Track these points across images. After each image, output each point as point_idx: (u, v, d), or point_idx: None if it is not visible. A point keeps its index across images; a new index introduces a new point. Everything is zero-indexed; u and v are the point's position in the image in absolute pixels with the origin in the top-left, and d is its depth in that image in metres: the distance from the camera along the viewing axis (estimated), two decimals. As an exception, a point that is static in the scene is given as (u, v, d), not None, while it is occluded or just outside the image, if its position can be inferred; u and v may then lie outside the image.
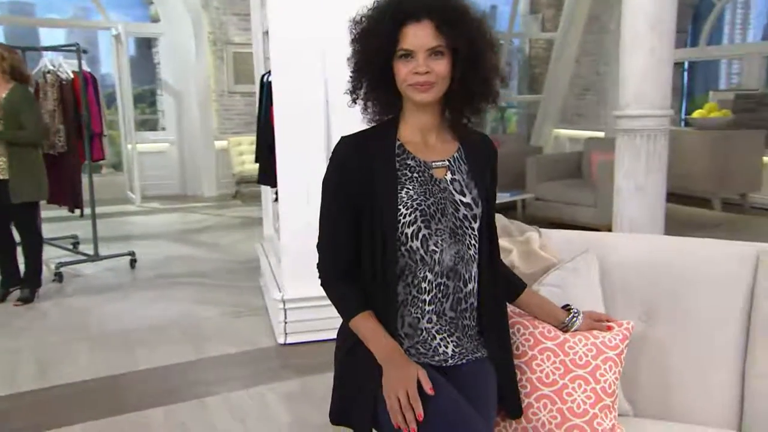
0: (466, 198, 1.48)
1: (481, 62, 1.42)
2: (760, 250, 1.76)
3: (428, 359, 1.48)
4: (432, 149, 1.50)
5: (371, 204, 1.44)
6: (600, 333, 1.60)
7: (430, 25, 1.38)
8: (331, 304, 3.30)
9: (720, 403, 1.72)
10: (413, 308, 1.47)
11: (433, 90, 1.41)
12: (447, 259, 1.45)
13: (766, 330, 1.68)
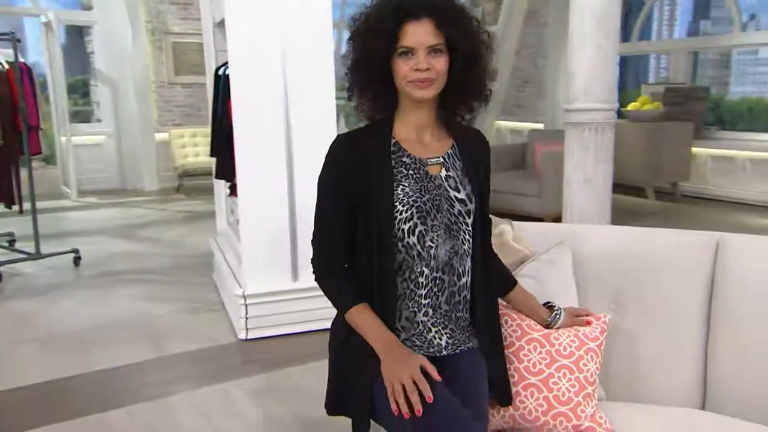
0: (461, 194, 1.52)
1: (478, 61, 1.46)
2: (720, 239, 1.88)
3: (423, 351, 1.52)
4: (427, 146, 1.54)
5: (367, 201, 1.47)
6: (593, 331, 1.67)
7: (430, 23, 1.41)
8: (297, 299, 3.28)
9: (685, 385, 1.83)
10: (410, 302, 1.50)
11: (432, 87, 1.44)
12: (442, 254, 1.49)
13: (726, 315, 1.80)
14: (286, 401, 2.91)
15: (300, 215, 3.58)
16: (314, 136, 3.53)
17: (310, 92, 3.51)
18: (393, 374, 1.36)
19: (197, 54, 8.93)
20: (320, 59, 3.52)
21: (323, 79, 3.54)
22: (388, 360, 1.40)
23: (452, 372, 1.49)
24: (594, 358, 1.64)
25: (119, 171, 8.88)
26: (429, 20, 1.41)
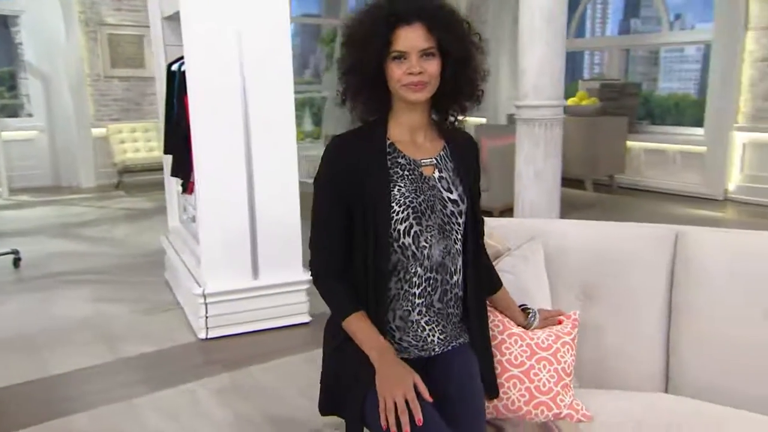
0: (453, 195, 1.55)
1: (469, 63, 1.50)
2: (678, 232, 2.01)
3: (418, 350, 1.56)
4: (420, 148, 1.57)
5: (363, 202, 1.49)
6: (564, 328, 1.76)
7: (422, 28, 1.44)
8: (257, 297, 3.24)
9: (649, 371, 1.95)
10: (404, 302, 1.53)
11: (426, 89, 1.47)
12: (436, 254, 1.53)
13: (686, 303, 1.93)
14: (253, 400, 2.90)
15: (260, 212, 3.57)
16: (273, 131, 3.55)
17: (269, 87, 3.49)
18: (387, 390, 1.37)
19: (134, 47, 8.68)
20: (278, 54, 3.50)
21: (281, 74, 3.53)
22: (383, 373, 1.41)
23: (446, 372, 1.54)
24: (569, 351, 1.73)
25: (53, 167, 8.54)
26: (421, 24, 1.44)
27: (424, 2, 1.47)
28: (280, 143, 3.57)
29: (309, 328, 3.73)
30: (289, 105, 3.58)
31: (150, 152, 8.28)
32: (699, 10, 8.92)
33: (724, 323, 1.86)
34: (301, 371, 3.22)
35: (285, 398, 2.93)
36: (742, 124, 6.67)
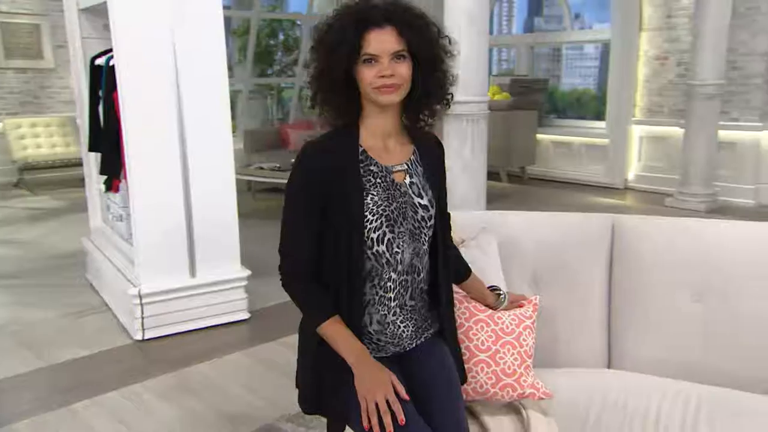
0: (423, 200, 1.57)
1: (439, 66, 1.51)
2: (614, 220, 2.20)
3: (393, 346, 1.59)
4: (392, 153, 1.57)
5: (336, 208, 1.49)
6: (526, 311, 1.88)
7: (392, 31, 1.45)
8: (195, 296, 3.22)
9: (593, 348, 2.12)
10: (380, 306, 1.55)
11: (397, 92, 1.47)
12: (407, 258, 1.55)
13: (624, 286, 2.12)
14: (203, 398, 2.89)
15: (196, 209, 3.52)
16: (209, 127, 3.51)
17: (203, 82, 3.45)
18: (367, 392, 1.41)
19: (30, 36, 8.20)
20: (212, 47, 3.46)
21: (216, 68, 3.49)
22: (362, 376, 1.44)
23: (421, 366, 1.59)
24: (530, 334, 1.86)
25: (-58, 165, 7.94)
26: (391, 27, 1.45)
27: (394, 6, 1.48)
28: (215, 139, 3.54)
29: (248, 325, 3.73)
30: (225, 100, 3.56)
31: (53, 148, 7.86)
32: (596, 10, 9.48)
33: (658, 303, 2.06)
34: (246, 367, 3.23)
35: (234, 395, 2.93)
36: (639, 117, 7.18)
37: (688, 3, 6.63)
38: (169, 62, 3.35)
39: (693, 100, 6.10)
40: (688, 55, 6.54)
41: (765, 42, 6.18)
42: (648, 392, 1.85)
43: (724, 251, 2.03)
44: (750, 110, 6.31)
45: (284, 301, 4.01)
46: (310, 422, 2.67)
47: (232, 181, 3.63)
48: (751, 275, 1.97)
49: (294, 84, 10.03)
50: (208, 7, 3.45)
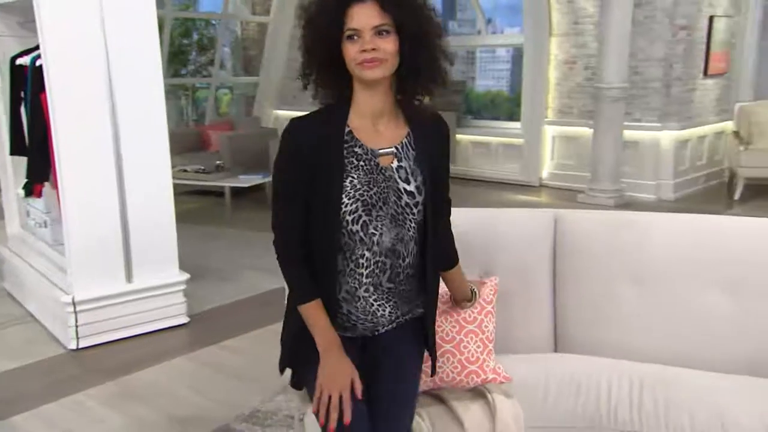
0: (410, 186, 1.53)
1: (427, 41, 1.47)
2: (556, 215, 2.36)
3: (366, 323, 1.59)
4: (381, 135, 1.53)
5: (315, 187, 1.49)
6: (485, 290, 2.00)
7: (374, 5, 1.42)
8: (132, 301, 3.23)
9: (541, 333, 2.27)
10: (350, 278, 1.54)
11: (381, 67, 1.43)
12: (386, 240, 1.53)
13: (567, 275, 2.28)
14: (150, 403, 2.85)
15: (132, 213, 3.45)
16: (144, 128, 3.45)
17: (137, 82, 3.39)
18: (325, 382, 1.46)
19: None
20: (145, 45, 3.41)
21: (150, 66, 3.44)
22: (325, 364, 1.48)
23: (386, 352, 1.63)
24: (491, 319, 1.99)
25: None
26: (373, 2, 1.42)
27: None
28: (151, 140, 3.48)
29: (188, 329, 3.68)
30: (160, 99, 3.49)
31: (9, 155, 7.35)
32: (506, 15, 9.88)
33: (599, 290, 2.24)
34: (191, 371, 3.20)
35: (183, 398, 2.91)
36: (551, 118, 7.56)
37: (593, 11, 7.05)
38: (100, 61, 3.26)
39: (600, 102, 6.50)
40: (594, 59, 6.96)
41: (661, 49, 6.68)
42: (596, 372, 2.01)
43: (656, 241, 2.23)
44: (650, 111, 6.79)
45: (224, 304, 4.02)
46: (265, 421, 2.69)
47: (168, 182, 3.57)
48: (681, 262, 2.18)
49: (210, 84, 9.85)
50: (140, 2, 3.38)
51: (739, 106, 7.22)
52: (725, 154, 7.55)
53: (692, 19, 6.77)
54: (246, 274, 4.57)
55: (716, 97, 7.43)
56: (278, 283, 4.52)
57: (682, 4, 6.63)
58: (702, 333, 2.13)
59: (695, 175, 7.19)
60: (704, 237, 2.23)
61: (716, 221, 2.33)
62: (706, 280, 2.15)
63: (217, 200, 6.49)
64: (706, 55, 7.04)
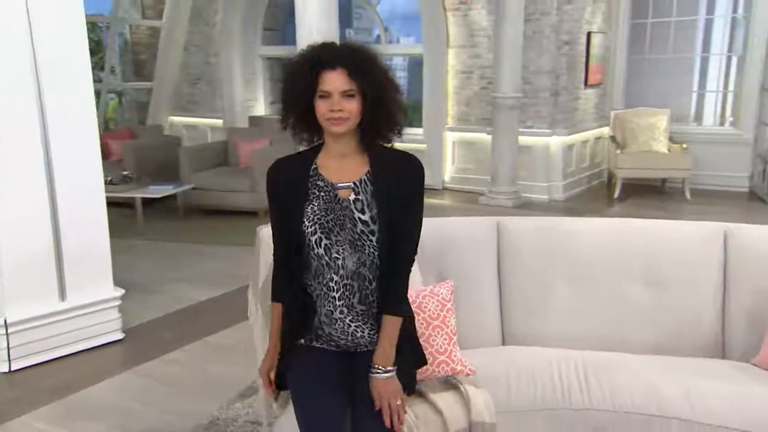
0: (365, 216, 1.75)
1: (386, 101, 1.74)
2: (499, 222, 2.64)
3: (347, 342, 1.81)
4: (344, 172, 1.79)
5: (287, 214, 1.79)
6: (438, 290, 2.23)
7: (343, 73, 1.68)
8: (67, 320, 3.55)
9: (490, 329, 2.54)
10: (326, 302, 1.78)
11: (345, 124, 1.71)
12: (350, 264, 1.76)
13: (509, 276, 2.56)
14: (104, 420, 2.84)
15: (64, 229, 3.37)
16: (75, 141, 3.39)
17: (67, 92, 3.33)
18: (260, 368, 1.97)
19: None
20: (75, 54, 3.37)
21: (80, 76, 3.40)
22: (264, 356, 1.95)
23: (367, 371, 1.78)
24: (452, 315, 2.22)
25: None
26: (342, 70, 1.68)
27: (347, 51, 1.74)
28: (83, 154, 3.42)
29: (124, 345, 3.64)
30: (91, 112, 3.45)
31: None
32: (402, 25, 10.26)
33: (538, 286, 2.53)
34: (137, 386, 3.20)
35: (136, 413, 2.92)
36: (451, 125, 7.99)
37: (487, 25, 7.54)
38: (28, 71, 3.17)
39: (497, 110, 6.97)
40: (489, 70, 7.44)
41: (549, 61, 7.26)
42: (546, 360, 2.29)
43: (584, 243, 2.56)
44: (541, 119, 7.37)
45: (155, 318, 4.00)
46: (226, 429, 2.77)
47: (101, 197, 3.53)
48: (606, 260, 2.52)
49: (101, 90, 9.46)
50: (69, 5, 3.33)
51: (614, 114, 8.00)
52: (604, 156, 8.32)
53: (574, 35, 7.42)
54: (171, 287, 4.55)
55: (595, 105, 8.16)
56: (206, 295, 4.57)
57: (566, 21, 7.25)
58: (626, 320, 2.48)
59: (580, 177, 7.88)
60: (624, 238, 2.58)
61: (634, 224, 2.69)
62: (628, 276, 2.51)
63: (124, 212, 6.30)
64: (585, 68, 7.73)
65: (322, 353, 1.85)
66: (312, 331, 1.83)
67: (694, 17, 8.39)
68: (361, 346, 1.83)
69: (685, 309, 2.45)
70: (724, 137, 7.97)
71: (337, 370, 1.81)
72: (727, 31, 8.82)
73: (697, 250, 2.51)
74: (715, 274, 2.47)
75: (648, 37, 8.27)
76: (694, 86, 8.79)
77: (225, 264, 5.14)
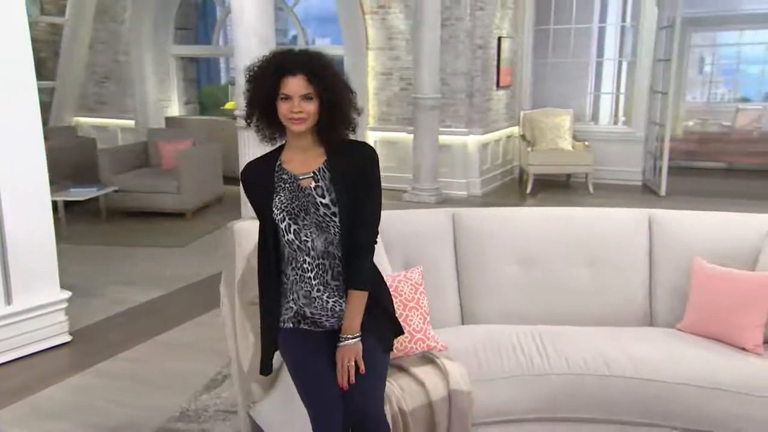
0: (326, 200, 1.95)
1: (341, 103, 1.94)
2: (454, 213, 2.88)
3: (329, 318, 2.00)
4: (305, 164, 1.99)
5: (259, 207, 1.99)
6: (411, 275, 2.44)
7: (303, 78, 1.89)
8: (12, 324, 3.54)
9: (451, 309, 2.77)
10: (303, 284, 1.98)
11: (305, 123, 1.90)
12: (319, 245, 1.96)
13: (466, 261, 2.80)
14: (70, 418, 2.84)
15: (9, 232, 3.30)
16: (17, 142, 3.33)
17: (9, 95, 3.27)
18: None
19: None
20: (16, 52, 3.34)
21: (22, 75, 3.36)
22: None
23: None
24: (424, 298, 2.43)
25: None
26: (302, 75, 1.89)
27: (306, 58, 1.95)
28: (26, 156, 3.36)
29: (72, 347, 3.60)
30: (35, 116, 3.39)
31: None
32: (317, 26, 10.39)
33: (492, 270, 2.79)
34: (97, 385, 3.20)
35: (104, 410, 2.94)
36: (373, 125, 8.22)
37: (404, 28, 7.83)
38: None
39: (418, 110, 7.27)
40: (408, 71, 7.73)
41: (464, 64, 7.64)
42: (506, 335, 2.55)
43: (531, 229, 2.85)
44: (458, 119, 7.74)
45: (99, 320, 3.96)
46: (198, 418, 2.85)
47: (46, 198, 3.47)
48: (552, 245, 2.81)
49: None
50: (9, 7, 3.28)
51: (523, 114, 8.53)
52: (515, 154, 8.83)
53: (486, 39, 7.85)
54: (110, 289, 4.50)
55: (505, 105, 8.66)
56: (146, 297, 4.59)
57: (478, 26, 7.66)
58: (570, 298, 2.78)
59: (495, 173, 8.33)
60: (566, 224, 2.89)
61: (573, 212, 3.03)
62: (570, 258, 2.81)
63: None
64: (497, 70, 8.19)
65: (311, 333, 2.02)
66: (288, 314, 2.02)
67: (589, 25, 9.09)
68: (342, 321, 2.00)
69: (619, 286, 2.79)
70: (619, 135, 8.68)
71: (325, 345, 1.99)
72: (617, 38, 9.62)
73: (627, 233, 2.85)
74: (643, 254, 2.82)
75: (551, 42, 8.86)
76: (591, 88, 9.52)
77: (158, 266, 5.11)
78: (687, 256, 2.71)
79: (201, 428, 2.79)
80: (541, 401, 2.32)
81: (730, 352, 2.42)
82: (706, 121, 11.24)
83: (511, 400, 2.32)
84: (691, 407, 2.27)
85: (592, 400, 2.31)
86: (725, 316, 2.51)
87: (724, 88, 12.73)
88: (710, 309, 2.56)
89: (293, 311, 2.03)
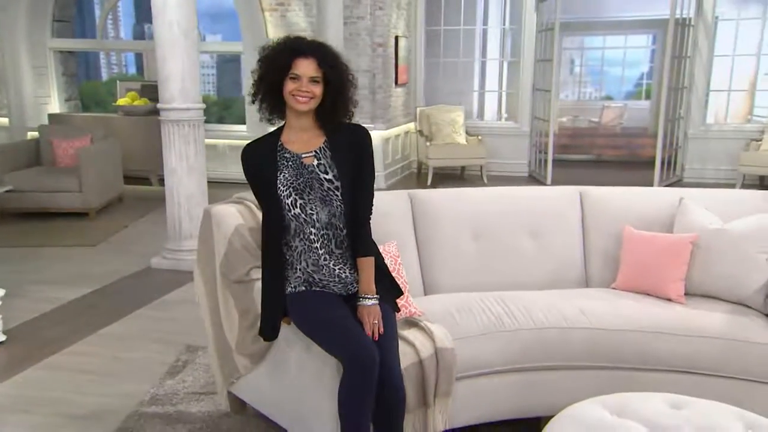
0: (329, 175, 2.15)
1: (344, 92, 2.16)
2: (411, 194, 3.09)
3: (338, 283, 2.20)
4: (306, 144, 2.18)
5: (264, 186, 2.16)
6: (389, 249, 2.63)
7: (314, 61, 2.08)
8: None
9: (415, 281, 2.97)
10: (310, 253, 2.18)
11: (309, 103, 2.10)
12: (323, 217, 2.15)
13: (425, 236, 3.03)
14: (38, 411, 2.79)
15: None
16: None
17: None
18: None
19: None
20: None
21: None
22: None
23: None
24: (402, 268, 2.64)
25: None
26: (313, 58, 2.08)
27: (319, 44, 2.16)
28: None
29: (9, 345, 3.45)
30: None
31: None
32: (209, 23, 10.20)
33: (449, 245, 3.04)
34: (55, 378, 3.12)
35: (70, 401, 2.89)
36: (275, 121, 8.26)
37: (305, 25, 7.94)
38: None
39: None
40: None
41: (366, 62, 7.90)
42: (472, 301, 2.77)
43: (483, 207, 3.14)
44: (363, 114, 7.93)
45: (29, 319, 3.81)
46: (171, 400, 2.87)
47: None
48: (501, 220, 3.11)
49: None
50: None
51: (419, 110, 8.92)
52: (412, 149, 9.21)
53: (385, 38, 8.15)
54: (31, 288, 4.30)
55: (403, 102, 9.02)
56: (72, 295, 4.51)
57: (378, 25, 7.95)
58: (519, 266, 3.09)
59: (396, 167, 8.66)
60: (510, 201, 3.20)
61: (515, 191, 3.35)
62: (516, 231, 3.12)
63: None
64: (396, 68, 8.52)
65: (323, 293, 2.20)
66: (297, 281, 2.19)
67: (474, 27, 9.68)
68: (348, 287, 2.21)
69: (559, 253, 3.13)
70: (508, 130, 9.32)
71: (341, 302, 2.19)
72: (499, 39, 10.31)
73: (562, 207, 3.21)
74: (577, 224, 3.19)
75: (441, 42, 9.33)
76: (477, 86, 10.13)
77: (74, 265, 4.92)
78: (614, 225, 3.10)
79: (176, 410, 2.81)
80: (513, 354, 2.58)
81: (660, 303, 2.82)
82: (577, 118, 12.31)
83: (487, 354, 2.56)
84: (636, 350, 2.64)
85: (557, 349, 2.61)
86: (652, 273, 2.91)
87: (591, 88, 13.99)
88: (639, 268, 2.96)
89: (302, 279, 2.18)
